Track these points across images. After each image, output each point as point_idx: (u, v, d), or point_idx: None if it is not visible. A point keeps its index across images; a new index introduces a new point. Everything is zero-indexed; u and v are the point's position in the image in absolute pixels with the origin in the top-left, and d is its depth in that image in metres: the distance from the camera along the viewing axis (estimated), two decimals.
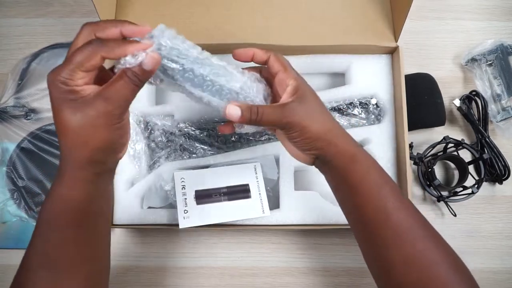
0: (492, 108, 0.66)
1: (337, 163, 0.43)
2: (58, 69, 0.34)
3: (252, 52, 0.45)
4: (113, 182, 0.43)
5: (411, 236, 0.39)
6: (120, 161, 0.61)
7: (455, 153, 0.65)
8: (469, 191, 0.62)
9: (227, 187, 0.58)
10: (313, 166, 0.46)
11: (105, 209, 0.43)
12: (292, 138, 0.43)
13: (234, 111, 0.41)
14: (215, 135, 0.62)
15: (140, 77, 0.36)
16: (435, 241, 0.40)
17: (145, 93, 0.63)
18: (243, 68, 0.45)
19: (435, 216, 0.66)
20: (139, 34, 0.38)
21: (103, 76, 0.38)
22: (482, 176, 0.63)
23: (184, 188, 0.58)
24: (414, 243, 0.39)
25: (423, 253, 0.38)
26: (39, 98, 0.69)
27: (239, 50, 0.45)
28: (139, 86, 0.37)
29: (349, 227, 0.45)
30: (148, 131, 0.63)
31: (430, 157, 0.65)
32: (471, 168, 0.65)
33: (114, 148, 0.39)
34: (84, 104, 0.35)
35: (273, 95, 0.47)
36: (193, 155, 0.61)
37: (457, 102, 0.67)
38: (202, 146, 0.62)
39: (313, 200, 0.59)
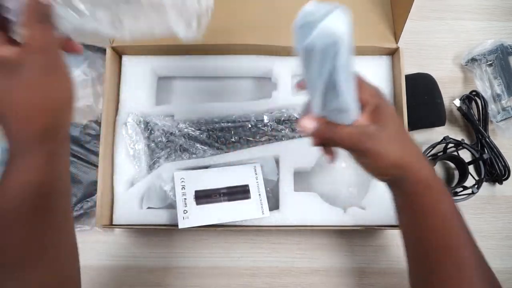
0: (492, 108, 0.66)
1: (409, 190, 0.40)
2: None
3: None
4: (69, 152, 0.38)
5: (471, 276, 0.38)
6: (120, 161, 0.61)
7: (455, 153, 0.65)
8: (469, 191, 0.62)
9: (227, 188, 0.58)
10: (313, 166, 0.46)
11: (65, 187, 0.38)
12: (364, 164, 0.40)
13: (308, 124, 0.38)
14: (215, 135, 0.62)
15: (44, 10, 0.31)
16: (492, 284, 0.40)
17: (145, 93, 0.63)
18: None
19: None
20: None
21: None
22: (482, 176, 0.63)
23: (184, 189, 0.58)
24: (472, 284, 0.38)
25: None
26: None
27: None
28: (50, 21, 0.32)
29: (348, 228, 0.45)
30: (148, 131, 0.63)
31: (430, 157, 0.65)
32: (471, 168, 0.65)
33: (64, 104, 0.34)
34: (13, 67, 0.31)
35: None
36: (193, 156, 0.61)
37: (457, 102, 0.67)
38: (202, 147, 0.62)
39: (313, 201, 0.59)
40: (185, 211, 0.56)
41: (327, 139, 0.39)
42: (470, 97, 0.66)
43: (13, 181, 0.33)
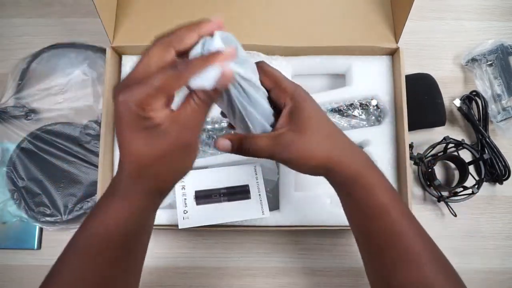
0: (492, 108, 0.66)
1: (340, 187, 0.40)
2: (133, 90, 0.30)
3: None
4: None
5: (419, 261, 0.37)
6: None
7: (456, 153, 0.65)
8: (470, 191, 0.62)
9: (227, 188, 0.58)
10: None
11: (147, 238, 0.40)
12: (290, 167, 0.40)
13: (223, 144, 0.38)
14: (215, 135, 0.62)
15: (213, 96, 0.33)
16: (444, 269, 0.38)
17: None
18: None
19: (435, 216, 0.66)
20: (217, 28, 0.33)
21: None
22: (483, 176, 0.63)
23: (184, 189, 0.58)
24: (421, 268, 0.37)
25: (429, 280, 0.36)
26: (39, 98, 0.69)
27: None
28: (211, 105, 0.34)
29: (348, 228, 0.45)
30: None
31: (430, 157, 0.65)
32: (471, 168, 0.65)
33: (185, 173, 0.36)
34: (159, 135, 0.32)
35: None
36: None
37: (457, 102, 0.67)
38: (202, 147, 0.62)
39: (313, 202, 0.59)
40: (185, 211, 0.56)
41: (247, 154, 0.38)
42: (470, 97, 0.66)
43: (114, 216, 0.34)
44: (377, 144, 0.61)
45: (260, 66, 0.39)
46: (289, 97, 0.38)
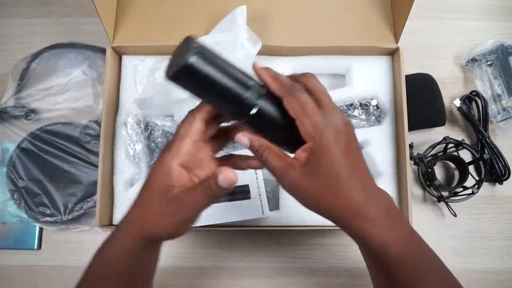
0: (492, 108, 0.66)
1: (353, 238, 0.36)
2: (169, 148, 0.36)
3: (270, 77, 0.36)
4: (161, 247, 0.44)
5: None
6: (120, 161, 0.61)
7: (456, 153, 0.65)
8: (470, 191, 0.62)
9: None
10: None
11: (152, 274, 0.44)
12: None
13: (243, 140, 0.36)
14: None
15: (216, 193, 0.34)
16: None
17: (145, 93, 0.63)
18: None
19: (435, 216, 0.66)
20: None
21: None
22: (483, 176, 0.63)
23: None
24: None
25: None
26: (39, 98, 0.69)
27: (258, 67, 0.37)
28: (213, 199, 0.35)
29: None
30: (148, 132, 0.63)
31: (430, 157, 0.65)
32: (471, 168, 0.65)
33: (173, 234, 0.38)
34: (167, 199, 0.35)
35: None
36: None
37: (457, 102, 0.67)
38: None
39: None
40: None
41: (260, 161, 0.37)
42: (470, 97, 0.66)
43: (111, 251, 0.40)
44: (377, 144, 0.61)
45: (287, 90, 0.35)
46: (311, 138, 0.34)
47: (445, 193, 0.65)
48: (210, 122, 0.38)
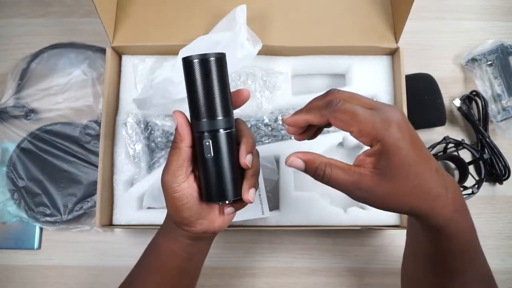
0: (492, 108, 0.66)
1: (426, 231, 0.36)
2: (164, 174, 0.41)
3: (304, 120, 0.37)
4: (209, 247, 0.48)
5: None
6: (120, 161, 0.62)
7: (455, 153, 0.65)
8: (470, 191, 0.62)
9: None
10: None
11: (199, 268, 0.48)
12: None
13: (297, 164, 0.35)
14: None
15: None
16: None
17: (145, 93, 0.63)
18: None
19: None
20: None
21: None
22: (482, 176, 0.63)
23: None
24: None
25: None
26: (39, 98, 0.69)
27: (288, 120, 0.37)
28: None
29: (348, 227, 0.45)
30: (148, 131, 0.63)
31: None
32: (471, 168, 0.65)
33: (189, 221, 0.41)
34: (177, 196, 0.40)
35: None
36: None
37: (457, 102, 0.67)
38: None
39: (313, 201, 0.59)
40: None
41: (319, 178, 0.35)
42: (470, 97, 0.66)
43: (164, 246, 0.45)
44: None
45: (331, 112, 0.34)
46: (377, 140, 0.32)
47: None
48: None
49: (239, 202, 0.41)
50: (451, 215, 0.34)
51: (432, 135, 0.67)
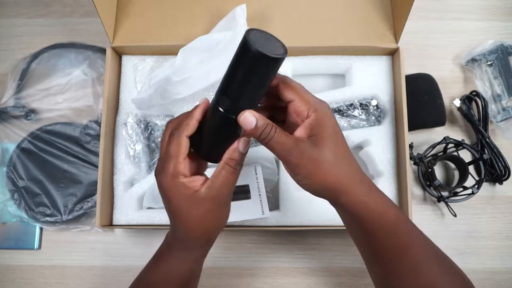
0: (492, 108, 0.66)
1: (347, 212, 0.40)
2: (165, 168, 0.38)
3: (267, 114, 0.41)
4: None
5: (427, 267, 0.39)
6: (120, 161, 0.62)
7: (455, 153, 0.65)
8: (469, 191, 0.62)
9: None
10: None
11: (199, 277, 0.47)
12: (296, 180, 0.39)
13: (250, 119, 0.37)
14: None
15: (241, 162, 0.39)
16: (450, 271, 0.40)
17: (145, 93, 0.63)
18: None
19: (435, 216, 0.66)
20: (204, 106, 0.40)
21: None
22: (482, 177, 0.63)
23: None
24: (429, 273, 0.38)
25: (436, 283, 0.38)
26: (39, 98, 0.69)
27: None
28: (240, 170, 0.40)
29: None
30: (148, 132, 0.63)
31: (430, 157, 0.65)
32: (471, 168, 0.65)
33: (224, 224, 0.42)
34: (199, 199, 0.38)
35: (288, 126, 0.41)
36: None
37: (457, 102, 0.67)
38: None
39: (313, 201, 0.59)
40: None
41: (264, 141, 0.37)
42: (470, 97, 0.66)
43: (165, 265, 0.43)
44: (377, 144, 0.61)
45: (282, 79, 0.39)
46: (313, 110, 0.37)
47: (445, 193, 0.65)
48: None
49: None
50: (368, 194, 0.38)
51: (432, 135, 0.67)
